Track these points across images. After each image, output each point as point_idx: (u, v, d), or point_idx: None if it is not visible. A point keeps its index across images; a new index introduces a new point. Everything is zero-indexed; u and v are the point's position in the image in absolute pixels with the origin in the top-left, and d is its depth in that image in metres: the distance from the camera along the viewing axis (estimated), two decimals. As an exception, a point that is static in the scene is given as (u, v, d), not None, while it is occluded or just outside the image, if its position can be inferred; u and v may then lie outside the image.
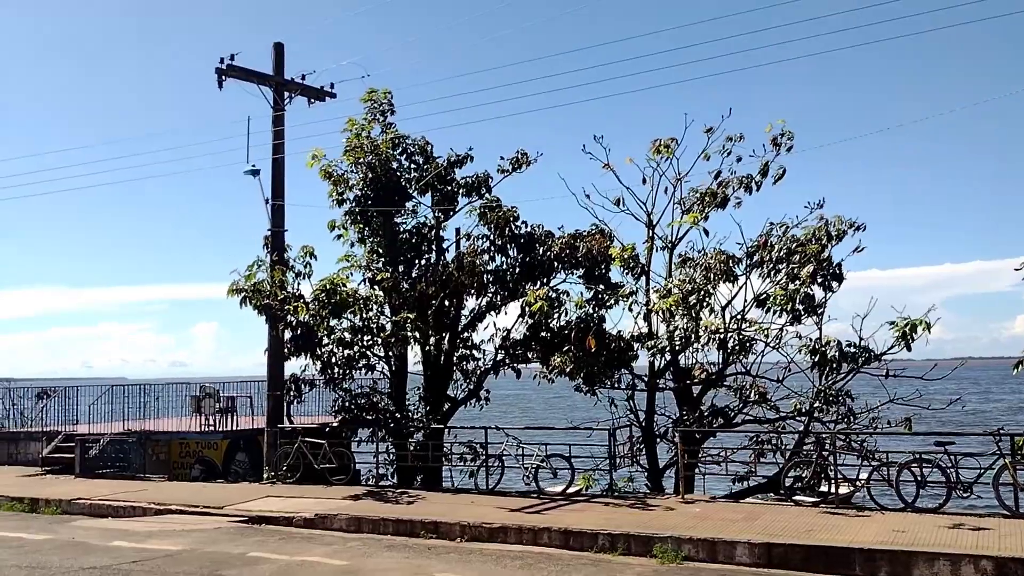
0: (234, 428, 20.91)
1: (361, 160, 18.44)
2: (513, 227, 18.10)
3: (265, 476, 17.99)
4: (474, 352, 18.89)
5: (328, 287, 16.96)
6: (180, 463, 20.39)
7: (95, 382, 25.13)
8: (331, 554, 11.24)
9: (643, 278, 16.86)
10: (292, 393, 18.85)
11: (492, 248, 18.23)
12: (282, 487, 16.77)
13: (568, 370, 16.00)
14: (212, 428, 20.85)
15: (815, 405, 15.25)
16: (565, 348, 16.08)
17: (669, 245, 16.84)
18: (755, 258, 15.91)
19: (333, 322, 17.29)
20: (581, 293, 17.39)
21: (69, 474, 19.57)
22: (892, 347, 14.35)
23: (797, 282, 15.10)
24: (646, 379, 16.85)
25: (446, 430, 17.94)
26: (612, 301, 16.81)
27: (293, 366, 18.67)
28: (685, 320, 15.28)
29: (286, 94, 19.27)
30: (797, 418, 15.63)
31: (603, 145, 16.79)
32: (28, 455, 21.94)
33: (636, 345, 16.58)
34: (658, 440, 16.86)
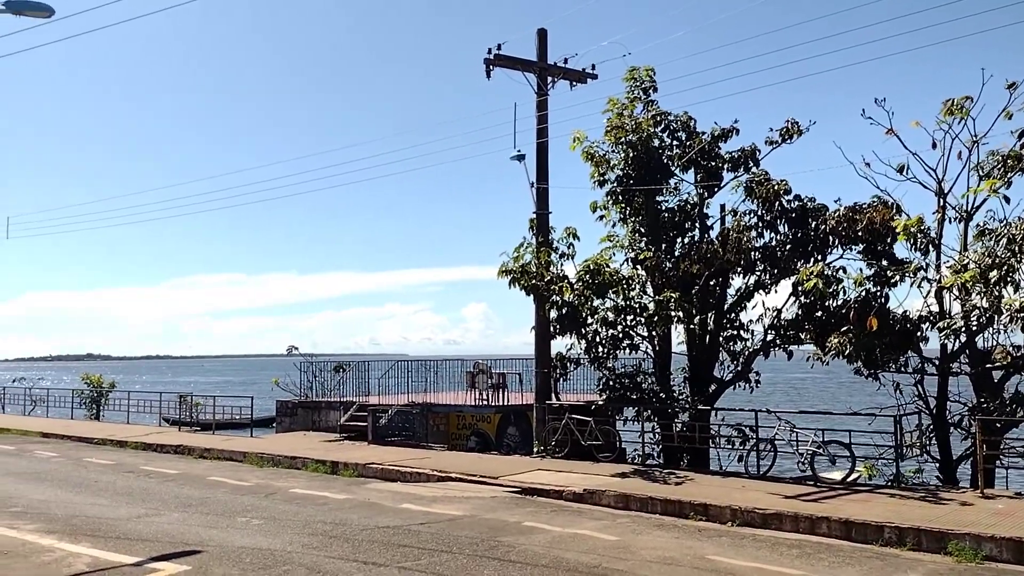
0: (505, 403, 21.92)
1: (622, 139, 18.44)
2: (783, 201, 17.22)
3: (535, 450, 18.65)
4: (741, 332, 18.22)
5: (591, 267, 17.17)
6: (457, 434, 21.70)
7: (381, 357, 27.41)
8: (601, 529, 11.42)
9: (932, 252, 15.38)
10: (558, 371, 19.37)
11: (760, 224, 17.47)
12: (551, 461, 17.30)
13: (846, 352, 14.97)
14: (485, 402, 21.98)
15: None
16: (843, 328, 15.07)
17: (964, 215, 15.21)
18: (1071, 227, 13.93)
19: (596, 302, 17.47)
20: (860, 270, 16.15)
21: (362, 440, 21.51)
22: None
23: None
24: (937, 362, 15.41)
25: (713, 411, 17.56)
26: (897, 278, 15.46)
27: (559, 345, 19.18)
28: (984, 298, 13.75)
29: (549, 79, 19.71)
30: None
31: (885, 108, 15.51)
32: (328, 422, 24.42)
33: (925, 325, 15.20)
34: (952, 429, 15.38)
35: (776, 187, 17.18)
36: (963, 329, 14.40)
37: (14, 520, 12.04)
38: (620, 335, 17.76)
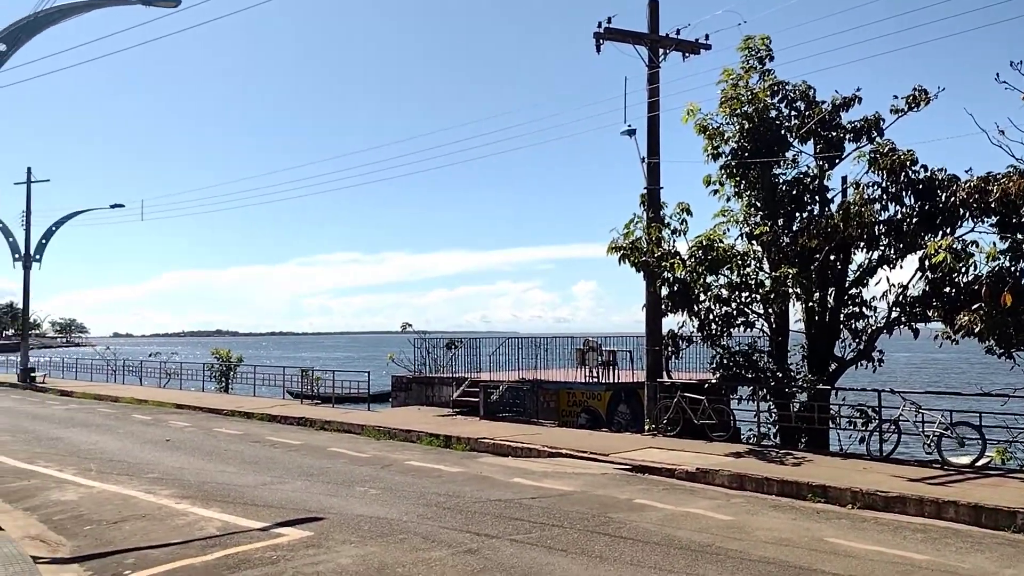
0: (615, 380, 21.84)
1: (737, 111, 17.95)
2: (910, 172, 16.37)
3: (646, 428, 18.52)
4: (863, 309, 17.51)
5: (704, 243, 16.85)
6: (568, 411, 21.77)
7: (492, 335, 27.81)
8: (715, 508, 11.25)
9: (1076, 223, 14.35)
10: (669, 349, 19.10)
11: (884, 196, 16.68)
12: (662, 439, 17.14)
13: (977, 330, 14.18)
14: (595, 380, 21.95)
15: None
16: (974, 305, 14.27)
17: (1112, 183, 14.11)
18: None
19: (709, 279, 17.14)
20: (994, 243, 15.24)
21: (474, 416, 21.86)
22: None
23: None
24: (1077, 341, 14.42)
25: (833, 391, 16.98)
26: (1033, 252, 14.52)
27: (670, 322, 18.92)
28: None
29: (660, 51, 19.31)
30: None
31: (1022, 72, 14.48)
32: (441, 397, 24.94)
33: (1064, 302, 14.22)
34: (1095, 412, 14.40)
35: (902, 157, 16.35)
36: (1109, 306, 13.41)
37: (151, 485, 12.85)
38: (734, 312, 17.38)
